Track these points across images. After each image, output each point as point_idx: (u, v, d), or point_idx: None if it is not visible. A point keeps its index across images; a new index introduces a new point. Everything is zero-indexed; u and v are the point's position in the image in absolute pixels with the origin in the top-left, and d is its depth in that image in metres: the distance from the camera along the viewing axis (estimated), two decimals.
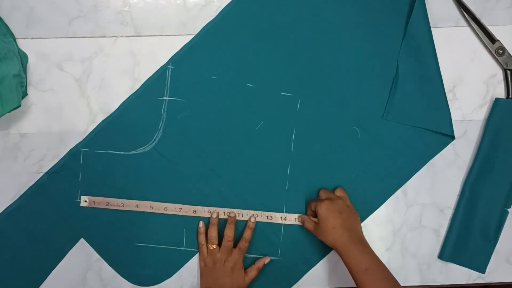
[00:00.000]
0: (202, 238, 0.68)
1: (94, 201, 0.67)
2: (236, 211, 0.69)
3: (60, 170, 0.67)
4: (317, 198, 0.67)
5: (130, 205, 0.68)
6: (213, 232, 0.67)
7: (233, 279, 0.65)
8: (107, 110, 0.68)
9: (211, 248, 0.66)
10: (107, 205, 0.67)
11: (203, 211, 0.68)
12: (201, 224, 0.68)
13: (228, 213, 0.68)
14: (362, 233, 0.64)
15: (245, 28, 0.68)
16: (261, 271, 0.68)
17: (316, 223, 0.65)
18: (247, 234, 0.67)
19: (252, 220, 0.68)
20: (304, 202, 0.69)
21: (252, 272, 0.67)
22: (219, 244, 0.66)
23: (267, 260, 0.68)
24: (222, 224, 0.68)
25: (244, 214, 0.69)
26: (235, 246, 0.67)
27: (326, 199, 0.64)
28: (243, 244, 0.66)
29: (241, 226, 0.69)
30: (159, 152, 0.68)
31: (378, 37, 0.69)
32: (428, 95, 0.68)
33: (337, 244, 0.61)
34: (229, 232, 0.66)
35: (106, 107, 0.68)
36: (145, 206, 0.68)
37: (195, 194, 0.69)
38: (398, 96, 0.68)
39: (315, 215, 0.65)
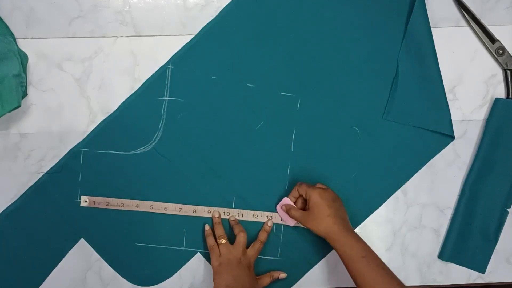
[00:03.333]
0: (211, 239, 0.67)
1: (94, 201, 0.67)
2: (236, 211, 0.69)
3: (60, 170, 0.67)
4: (303, 184, 0.65)
5: (130, 205, 0.68)
6: (220, 230, 0.67)
7: (249, 278, 0.64)
8: (107, 110, 0.68)
9: (223, 242, 0.65)
10: (107, 205, 0.67)
11: (203, 211, 0.68)
12: (207, 227, 0.68)
13: (229, 217, 0.68)
14: (350, 224, 0.64)
15: (245, 28, 0.68)
16: (261, 271, 0.68)
17: (303, 211, 0.64)
18: (263, 236, 0.67)
19: (270, 224, 0.68)
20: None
21: (266, 279, 0.66)
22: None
23: (283, 276, 0.68)
24: (224, 223, 0.68)
25: (244, 214, 0.69)
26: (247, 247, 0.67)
27: (317, 187, 0.64)
28: (258, 245, 0.66)
29: (243, 226, 0.69)
30: (159, 152, 0.68)
31: (378, 37, 0.69)
32: (428, 95, 0.68)
33: (331, 232, 0.61)
34: (238, 228, 0.66)
35: (106, 107, 0.68)
36: (145, 206, 0.68)
37: (195, 194, 0.69)
38: (398, 96, 0.68)
39: (301, 203, 0.65)
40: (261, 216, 0.69)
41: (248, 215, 0.69)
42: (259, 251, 0.67)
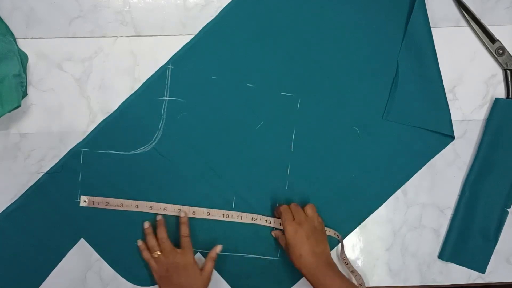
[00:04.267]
0: (146, 253, 0.66)
1: (93, 201, 0.67)
2: (235, 213, 0.68)
3: (60, 170, 0.67)
4: (285, 209, 0.64)
5: (130, 205, 0.68)
6: (152, 240, 0.65)
7: (190, 277, 0.63)
8: (107, 110, 0.68)
9: (156, 255, 0.64)
10: (106, 205, 0.67)
11: (202, 212, 0.68)
12: (140, 242, 0.67)
13: (179, 213, 0.67)
14: (329, 254, 0.63)
15: (245, 28, 0.68)
16: (261, 271, 0.68)
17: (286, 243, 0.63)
18: (184, 229, 0.65)
19: (182, 215, 0.66)
20: (303, 202, 0.69)
21: (208, 264, 0.65)
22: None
23: (218, 248, 0.66)
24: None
25: (243, 217, 0.69)
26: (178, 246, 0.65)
27: (295, 220, 0.62)
28: (184, 240, 0.65)
29: (243, 228, 0.69)
30: (159, 152, 0.68)
31: (378, 37, 0.69)
32: (428, 95, 0.68)
33: (304, 272, 0.60)
34: (161, 233, 0.65)
35: (106, 107, 0.68)
36: (144, 206, 0.68)
37: (195, 194, 0.69)
38: (398, 96, 0.68)
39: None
40: (260, 219, 0.69)
41: (247, 218, 0.68)
42: (189, 246, 0.65)
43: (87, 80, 0.68)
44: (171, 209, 0.68)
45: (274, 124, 0.69)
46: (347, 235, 0.70)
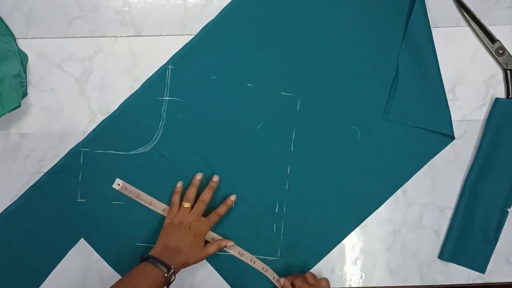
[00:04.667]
0: (176, 197, 0.66)
1: (126, 188, 0.67)
2: (237, 248, 0.68)
3: (60, 170, 0.67)
4: (301, 278, 0.65)
5: (157, 207, 0.68)
6: (192, 193, 0.66)
7: (192, 246, 0.63)
8: (107, 110, 0.68)
9: (185, 205, 0.65)
10: (136, 197, 0.67)
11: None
12: (179, 184, 0.67)
13: (211, 178, 0.67)
14: None
15: (245, 28, 0.68)
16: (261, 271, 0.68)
17: None
18: (222, 209, 0.66)
19: (232, 198, 0.67)
20: (303, 202, 0.69)
21: (212, 247, 0.65)
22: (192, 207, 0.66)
23: (230, 243, 0.67)
24: (202, 188, 0.67)
25: (244, 254, 0.68)
26: (205, 215, 0.66)
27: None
28: (214, 216, 0.65)
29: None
30: (159, 152, 0.68)
31: (378, 37, 0.69)
32: (428, 95, 0.68)
33: None
34: (206, 196, 0.66)
35: (106, 107, 0.68)
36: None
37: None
38: (398, 96, 0.68)
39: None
40: (257, 264, 0.68)
41: (247, 258, 0.68)
42: (213, 223, 0.66)
43: (87, 80, 0.68)
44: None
45: (274, 124, 0.69)
46: (347, 235, 0.70)
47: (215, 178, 0.67)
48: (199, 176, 0.67)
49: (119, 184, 0.67)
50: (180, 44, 0.68)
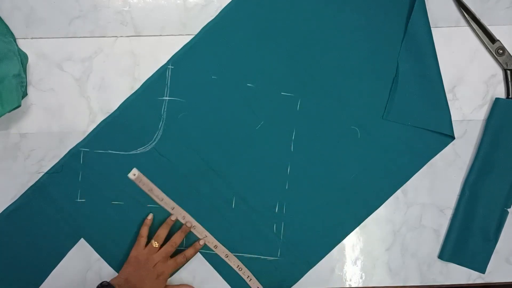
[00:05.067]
0: (145, 230, 0.66)
1: (141, 180, 0.67)
2: (234, 260, 0.68)
3: (60, 170, 0.67)
4: None
5: (168, 205, 0.68)
6: (163, 233, 0.66)
7: (153, 286, 0.63)
8: (107, 110, 0.68)
9: (154, 245, 0.65)
10: (149, 190, 0.67)
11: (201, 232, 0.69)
12: (150, 216, 0.67)
13: (185, 222, 0.67)
14: None
15: (245, 28, 0.68)
16: (261, 271, 0.68)
17: None
18: (189, 252, 0.66)
19: (201, 243, 0.67)
20: (304, 202, 0.69)
21: (180, 259, 0.65)
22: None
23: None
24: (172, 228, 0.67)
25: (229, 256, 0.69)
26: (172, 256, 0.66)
27: None
28: (181, 259, 0.65)
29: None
30: (159, 152, 0.68)
31: (378, 37, 0.69)
32: (428, 95, 0.68)
33: None
34: (177, 239, 0.66)
35: (106, 107, 0.68)
36: (179, 213, 0.68)
37: (195, 194, 0.68)
38: (398, 96, 0.68)
39: None
40: (243, 272, 0.69)
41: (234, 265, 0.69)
42: (179, 265, 0.66)
43: (87, 80, 0.68)
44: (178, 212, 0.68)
45: (274, 124, 0.69)
46: (347, 235, 0.70)
47: (189, 224, 0.67)
48: (173, 217, 0.67)
49: (134, 174, 0.67)
50: (180, 44, 0.68)
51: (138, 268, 0.63)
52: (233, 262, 0.69)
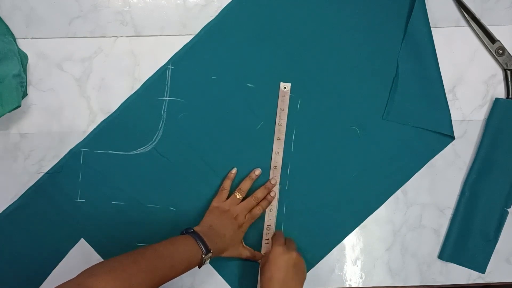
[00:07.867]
0: (228, 183, 0.67)
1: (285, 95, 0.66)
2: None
3: (60, 170, 0.67)
4: (280, 233, 0.67)
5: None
6: (247, 185, 0.67)
7: (234, 236, 0.63)
8: (107, 110, 0.68)
9: (237, 196, 0.65)
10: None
11: None
12: (234, 170, 0.68)
13: (270, 178, 0.68)
14: None
15: (245, 28, 0.68)
16: None
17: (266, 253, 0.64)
18: (265, 203, 0.67)
19: (272, 195, 0.68)
20: (304, 202, 0.69)
21: (246, 251, 0.66)
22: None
23: (259, 257, 0.67)
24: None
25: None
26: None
27: (286, 245, 0.63)
28: (257, 209, 0.66)
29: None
30: (159, 152, 0.68)
31: (378, 37, 0.69)
32: (428, 95, 0.68)
33: None
34: (259, 194, 0.66)
35: (106, 107, 0.68)
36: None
37: (195, 194, 0.68)
38: (398, 96, 0.68)
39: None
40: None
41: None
42: (256, 217, 0.66)
43: (87, 80, 0.68)
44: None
45: (274, 124, 0.69)
46: (347, 235, 0.70)
47: (273, 181, 0.68)
48: (258, 172, 0.68)
49: (285, 87, 0.67)
50: (180, 44, 0.68)
51: (220, 216, 0.64)
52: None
